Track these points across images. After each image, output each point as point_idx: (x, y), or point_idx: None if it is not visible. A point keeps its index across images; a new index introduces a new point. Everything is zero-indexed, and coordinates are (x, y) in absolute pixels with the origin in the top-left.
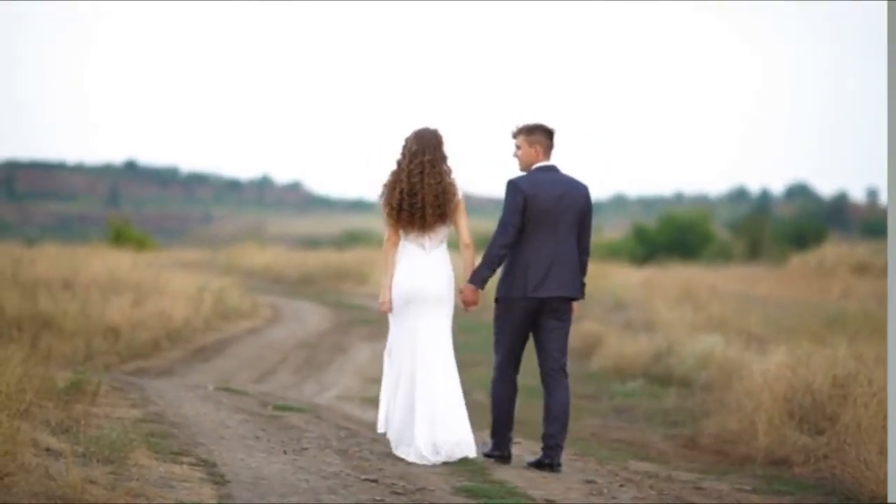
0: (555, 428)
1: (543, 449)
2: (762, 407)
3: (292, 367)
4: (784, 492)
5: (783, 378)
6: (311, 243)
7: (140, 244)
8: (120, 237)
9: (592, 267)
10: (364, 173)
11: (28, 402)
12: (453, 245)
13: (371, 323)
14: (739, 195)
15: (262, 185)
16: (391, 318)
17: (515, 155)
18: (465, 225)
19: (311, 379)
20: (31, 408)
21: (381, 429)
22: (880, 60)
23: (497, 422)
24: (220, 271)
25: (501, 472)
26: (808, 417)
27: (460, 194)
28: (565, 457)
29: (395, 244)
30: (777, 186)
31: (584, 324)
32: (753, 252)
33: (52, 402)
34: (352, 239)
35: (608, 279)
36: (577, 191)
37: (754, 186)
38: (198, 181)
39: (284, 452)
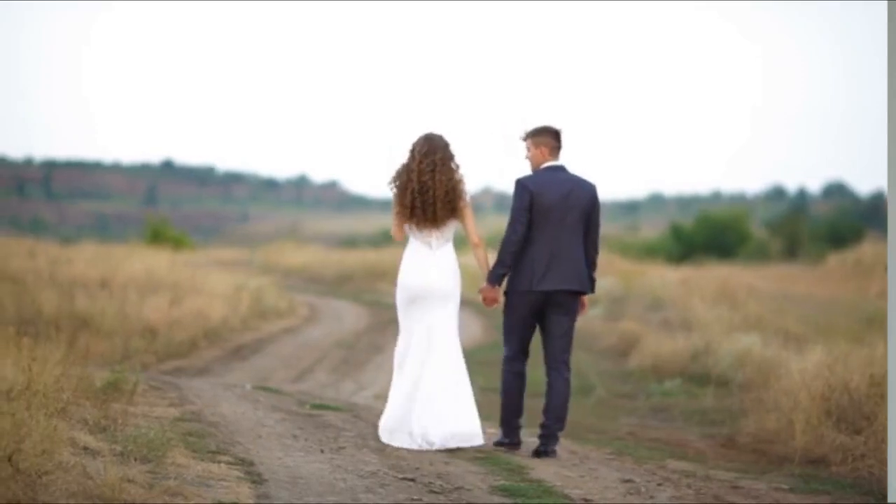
0: (551, 419)
1: (539, 437)
2: (800, 406)
3: (329, 366)
4: (822, 491)
5: (821, 377)
6: (348, 242)
7: (177, 243)
8: (157, 236)
9: (630, 266)
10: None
11: (66, 402)
12: (459, 242)
13: None
14: (777, 194)
15: (300, 185)
16: (399, 316)
17: (526, 157)
18: (473, 225)
19: (349, 378)
20: (68, 407)
21: (384, 420)
22: None
23: (506, 411)
24: (258, 270)
25: (538, 471)
26: (845, 416)
27: (468, 195)
28: (602, 455)
29: (401, 237)
30: (814, 185)
31: (622, 323)
32: (791, 251)
33: (89, 402)
34: (389, 238)
35: (645, 278)
36: (583, 189)
37: (792, 185)
38: (235, 180)
39: (322, 451)
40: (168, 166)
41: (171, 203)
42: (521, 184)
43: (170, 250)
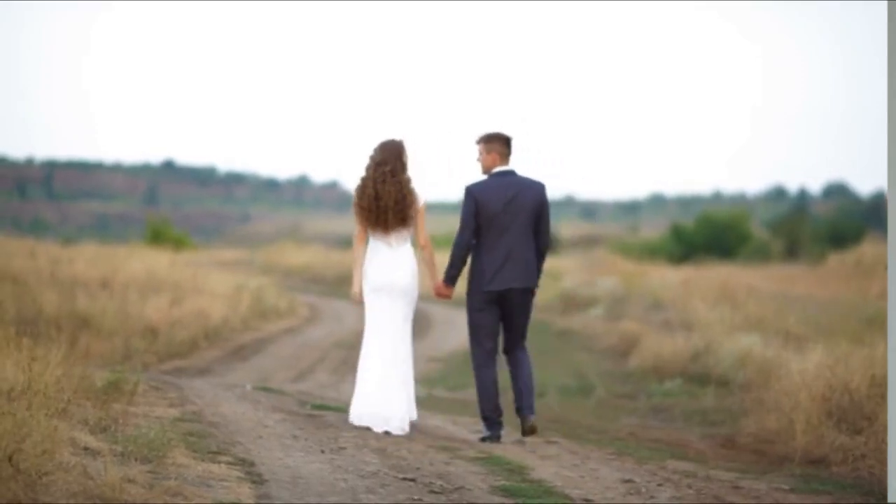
0: (523, 395)
1: (518, 414)
2: (800, 406)
3: (330, 367)
4: (822, 491)
5: (821, 377)
6: (349, 242)
7: (178, 243)
8: (158, 236)
9: (630, 266)
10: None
11: (66, 402)
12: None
13: None
14: (777, 194)
15: (300, 185)
16: (366, 308)
17: (478, 160)
18: (423, 228)
19: (349, 378)
20: (69, 407)
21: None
22: None
23: (484, 406)
24: (258, 270)
25: (539, 472)
26: (846, 417)
27: (421, 201)
28: (602, 455)
29: (363, 241)
30: (815, 185)
31: (623, 323)
32: (791, 251)
33: (90, 402)
34: None
35: (646, 278)
36: (531, 191)
37: (792, 185)
38: (236, 180)
39: (322, 452)
40: (169, 166)
41: (172, 203)
42: (467, 191)
43: (170, 250)
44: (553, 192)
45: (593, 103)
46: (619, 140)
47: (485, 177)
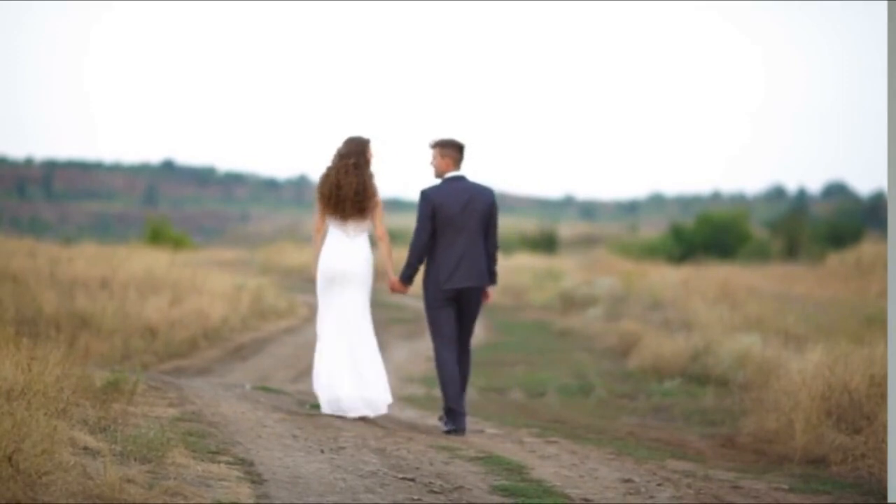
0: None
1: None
2: (800, 406)
3: None
4: (821, 491)
5: (821, 377)
6: None
7: (178, 243)
8: (158, 236)
9: (630, 266)
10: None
11: (66, 402)
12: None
13: (408, 322)
14: (777, 194)
15: (300, 185)
16: (319, 295)
17: (431, 164)
18: (381, 221)
19: None
20: (68, 407)
21: (316, 388)
22: None
23: (449, 396)
24: (258, 270)
25: (538, 471)
26: (845, 416)
27: (379, 196)
28: (602, 455)
29: (321, 230)
30: (814, 185)
31: (622, 323)
32: (791, 251)
33: (89, 402)
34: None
35: (646, 278)
36: (482, 196)
37: (792, 185)
38: (235, 180)
39: (322, 451)
40: (168, 166)
41: (172, 203)
42: (424, 195)
43: (170, 250)
44: (552, 192)
45: (593, 103)
46: (618, 140)
47: (437, 181)
